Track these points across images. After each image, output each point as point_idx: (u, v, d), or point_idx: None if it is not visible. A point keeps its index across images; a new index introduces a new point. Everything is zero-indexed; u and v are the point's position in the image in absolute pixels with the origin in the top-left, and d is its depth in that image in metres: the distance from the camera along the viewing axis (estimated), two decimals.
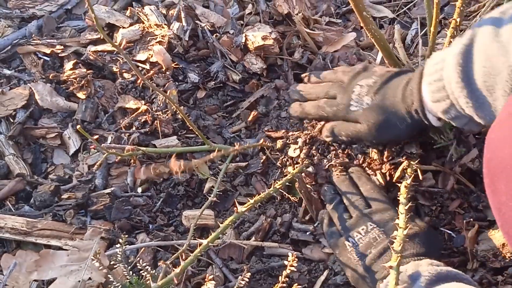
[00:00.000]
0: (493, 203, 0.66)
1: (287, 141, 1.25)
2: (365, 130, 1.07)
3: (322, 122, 1.18)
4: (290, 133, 1.26)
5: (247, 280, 0.98)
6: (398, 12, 1.53)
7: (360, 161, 1.16)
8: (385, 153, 1.13)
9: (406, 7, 1.54)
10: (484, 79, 0.81)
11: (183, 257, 0.95)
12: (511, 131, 0.64)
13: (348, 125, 1.11)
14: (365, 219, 1.03)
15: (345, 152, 1.18)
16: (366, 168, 1.16)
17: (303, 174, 1.18)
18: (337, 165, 1.17)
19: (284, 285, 0.91)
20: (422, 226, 1.02)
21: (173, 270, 0.90)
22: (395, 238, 0.83)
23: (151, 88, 1.38)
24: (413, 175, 0.99)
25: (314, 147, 1.20)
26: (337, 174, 1.15)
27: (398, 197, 0.87)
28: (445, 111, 0.93)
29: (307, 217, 1.18)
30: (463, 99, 0.86)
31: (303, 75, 1.31)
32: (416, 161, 1.06)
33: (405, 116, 1.01)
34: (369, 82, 1.08)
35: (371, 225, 1.02)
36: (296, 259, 0.91)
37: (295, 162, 1.22)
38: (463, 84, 0.85)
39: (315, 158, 1.19)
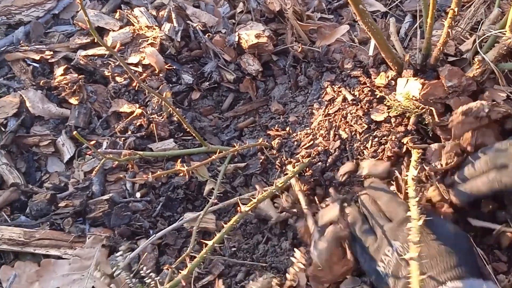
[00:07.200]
0: None
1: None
2: None
3: None
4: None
5: None
6: (390, 6, 1.52)
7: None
8: None
9: (398, 1, 1.53)
10: None
11: (188, 260, 0.93)
12: None
13: None
14: (387, 238, 0.93)
15: None
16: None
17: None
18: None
19: None
20: None
21: (179, 273, 0.88)
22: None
23: (144, 91, 1.36)
24: (419, 167, 0.97)
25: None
26: (362, 194, 1.05)
27: None
28: None
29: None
30: None
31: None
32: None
33: None
34: None
35: (394, 243, 0.91)
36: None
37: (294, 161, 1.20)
38: None
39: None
